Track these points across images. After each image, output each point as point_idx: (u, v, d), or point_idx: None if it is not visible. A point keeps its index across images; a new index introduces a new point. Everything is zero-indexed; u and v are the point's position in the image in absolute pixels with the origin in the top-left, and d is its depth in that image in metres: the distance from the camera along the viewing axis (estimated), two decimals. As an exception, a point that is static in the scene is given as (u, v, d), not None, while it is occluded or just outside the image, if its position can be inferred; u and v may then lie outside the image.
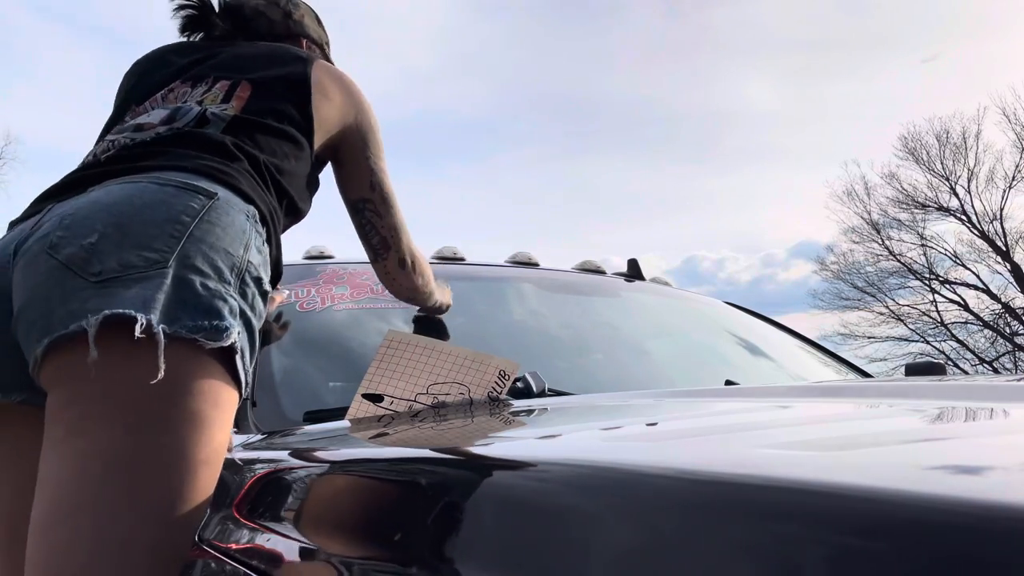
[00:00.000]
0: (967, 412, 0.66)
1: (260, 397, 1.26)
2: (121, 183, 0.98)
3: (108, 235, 0.90)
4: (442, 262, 1.89)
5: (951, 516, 0.32)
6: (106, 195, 0.95)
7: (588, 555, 0.44)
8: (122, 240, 0.90)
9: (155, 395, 0.85)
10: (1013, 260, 18.39)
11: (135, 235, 0.90)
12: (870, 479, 0.37)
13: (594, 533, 0.45)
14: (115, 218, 0.91)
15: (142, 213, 0.92)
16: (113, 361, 0.84)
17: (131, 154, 1.07)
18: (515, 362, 1.17)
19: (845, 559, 0.34)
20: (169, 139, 1.09)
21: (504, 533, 0.51)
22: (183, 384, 0.88)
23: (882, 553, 0.33)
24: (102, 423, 0.85)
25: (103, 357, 0.83)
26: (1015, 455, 0.45)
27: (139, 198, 0.94)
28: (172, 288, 0.88)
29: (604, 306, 1.94)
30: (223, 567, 0.80)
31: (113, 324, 0.84)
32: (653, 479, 0.46)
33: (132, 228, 0.91)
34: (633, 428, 0.77)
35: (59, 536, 0.82)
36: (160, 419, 0.86)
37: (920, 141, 19.44)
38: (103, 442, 0.84)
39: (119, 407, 0.85)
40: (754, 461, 0.46)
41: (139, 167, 1.02)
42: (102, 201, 0.94)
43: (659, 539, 0.42)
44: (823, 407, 0.80)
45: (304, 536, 0.71)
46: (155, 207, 0.93)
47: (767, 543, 0.37)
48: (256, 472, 0.95)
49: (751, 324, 2.13)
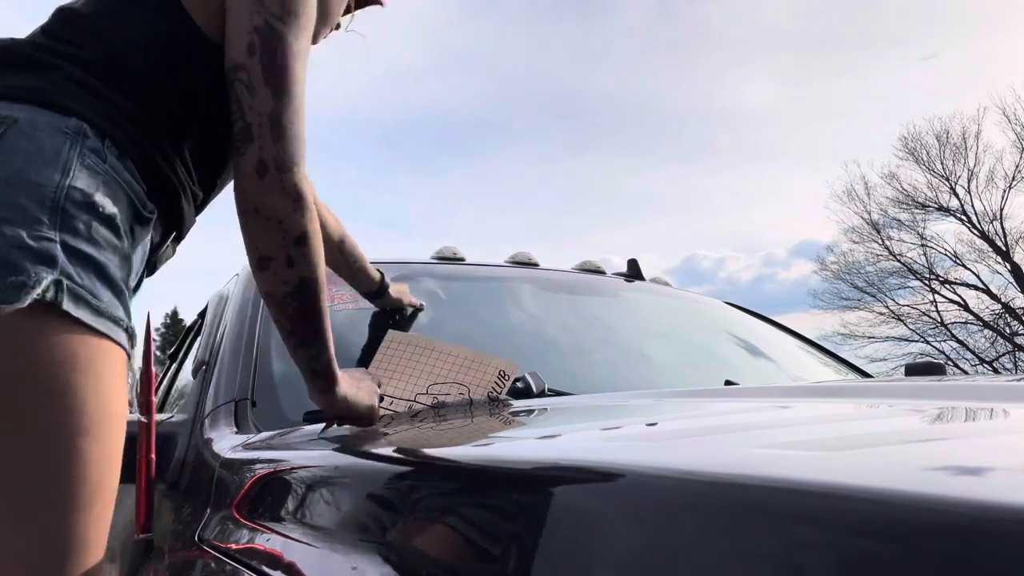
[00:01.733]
0: (967, 412, 0.66)
1: (260, 397, 1.26)
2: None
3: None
4: (442, 262, 1.89)
5: (951, 517, 0.32)
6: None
7: (588, 555, 0.44)
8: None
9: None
10: (1013, 260, 18.40)
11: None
12: (870, 479, 0.37)
13: (594, 533, 0.45)
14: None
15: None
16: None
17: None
18: (515, 362, 1.17)
19: (845, 560, 0.34)
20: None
21: (504, 533, 0.51)
22: (2, 360, 0.74)
23: (882, 554, 0.33)
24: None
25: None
26: (1015, 455, 0.45)
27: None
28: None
29: (604, 306, 1.94)
30: (223, 567, 0.80)
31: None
32: (653, 479, 0.46)
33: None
34: (633, 428, 0.77)
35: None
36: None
37: (920, 141, 19.48)
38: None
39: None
40: (754, 461, 0.46)
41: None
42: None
43: (659, 539, 0.42)
44: (823, 407, 0.80)
45: (304, 536, 0.71)
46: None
47: (767, 544, 0.37)
48: (256, 472, 0.95)
49: (751, 324, 2.13)
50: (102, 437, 0.79)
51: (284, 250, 0.91)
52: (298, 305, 0.93)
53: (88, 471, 0.78)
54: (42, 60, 0.89)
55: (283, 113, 0.92)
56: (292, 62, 0.93)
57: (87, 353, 0.79)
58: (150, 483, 1.08)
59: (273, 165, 0.90)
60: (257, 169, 0.90)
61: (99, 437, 0.79)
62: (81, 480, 0.78)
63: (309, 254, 0.93)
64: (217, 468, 1.05)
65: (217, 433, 1.18)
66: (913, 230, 19.62)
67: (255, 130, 0.91)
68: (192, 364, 1.60)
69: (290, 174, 0.91)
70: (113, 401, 0.82)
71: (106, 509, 0.82)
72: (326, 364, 0.96)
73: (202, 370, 1.44)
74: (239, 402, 1.24)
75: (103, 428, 0.80)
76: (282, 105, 0.92)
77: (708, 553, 0.39)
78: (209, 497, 1.02)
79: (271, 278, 0.92)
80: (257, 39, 0.92)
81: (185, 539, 0.97)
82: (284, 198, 0.90)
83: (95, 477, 0.79)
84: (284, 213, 0.91)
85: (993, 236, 18.76)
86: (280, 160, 0.91)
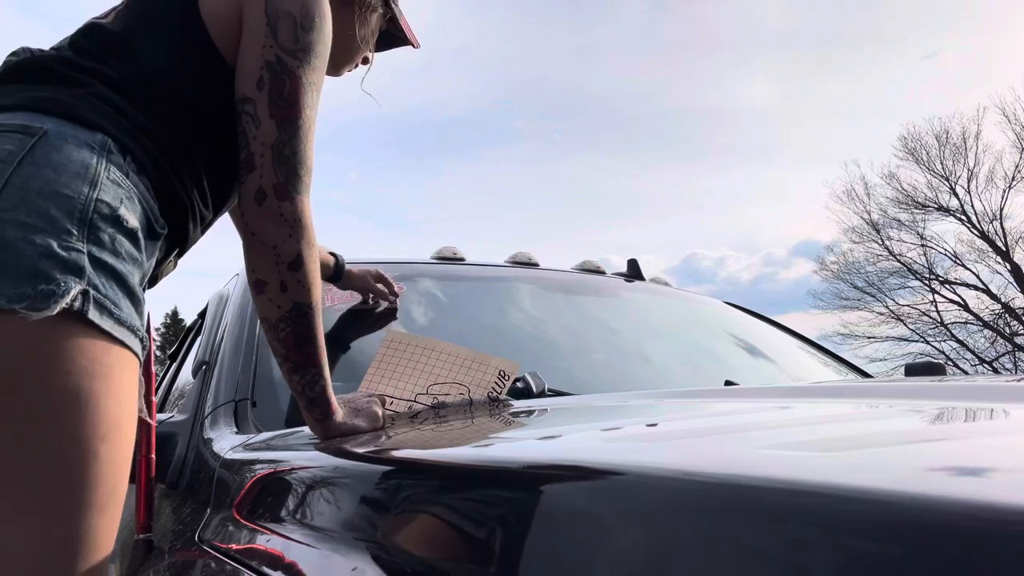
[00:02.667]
0: (967, 412, 0.66)
1: (260, 397, 1.26)
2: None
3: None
4: (442, 262, 1.89)
5: (951, 517, 0.32)
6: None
7: (588, 555, 0.44)
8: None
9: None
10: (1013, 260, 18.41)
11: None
12: (870, 480, 0.37)
13: (594, 534, 0.45)
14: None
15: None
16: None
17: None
18: (515, 362, 1.17)
19: (845, 560, 0.34)
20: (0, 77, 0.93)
21: (505, 534, 0.51)
22: (29, 364, 0.76)
23: (881, 554, 0.33)
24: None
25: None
26: (1015, 455, 0.45)
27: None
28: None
29: (604, 306, 1.94)
30: (223, 567, 0.80)
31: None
32: (653, 480, 0.45)
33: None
34: (633, 429, 0.76)
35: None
36: (9, 409, 0.75)
37: (920, 141, 19.49)
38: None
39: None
40: (754, 462, 0.46)
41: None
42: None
43: (659, 540, 0.42)
44: (823, 408, 0.80)
45: (304, 537, 0.71)
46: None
47: (767, 544, 0.37)
48: (256, 472, 0.95)
49: (751, 324, 2.13)
50: (118, 441, 0.81)
51: (278, 275, 0.94)
52: (291, 330, 0.95)
53: (105, 473, 0.80)
54: (69, 75, 0.91)
55: (286, 144, 0.95)
56: (301, 95, 0.96)
57: (108, 360, 0.81)
58: (150, 483, 1.09)
59: (272, 192, 0.94)
60: (256, 196, 0.94)
61: (116, 441, 0.81)
62: (99, 482, 0.80)
63: (304, 279, 0.95)
64: (217, 468, 1.05)
65: (217, 433, 1.18)
66: (913, 230, 19.65)
67: (257, 159, 0.94)
68: (192, 364, 1.60)
69: (288, 202, 0.94)
70: (129, 408, 0.84)
71: (117, 512, 0.84)
72: (321, 392, 0.97)
73: (202, 370, 1.44)
74: (239, 402, 1.24)
75: (119, 433, 0.82)
76: (286, 136, 0.95)
77: (708, 553, 0.39)
78: (209, 497, 1.02)
79: (266, 302, 0.95)
80: (267, 74, 0.95)
81: (185, 539, 0.97)
82: (280, 225, 0.94)
83: (111, 480, 0.81)
84: (279, 239, 0.94)
85: (993, 236, 18.77)
86: (279, 188, 0.94)
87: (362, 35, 1.14)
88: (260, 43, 0.96)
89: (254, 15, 0.96)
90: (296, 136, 0.95)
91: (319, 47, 0.98)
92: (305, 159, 0.97)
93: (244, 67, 0.97)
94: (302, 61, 0.96)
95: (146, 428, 1.09)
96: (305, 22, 0.97)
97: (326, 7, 1.00)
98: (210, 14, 0.98)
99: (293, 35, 0.96)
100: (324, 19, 0.99)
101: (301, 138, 0.96)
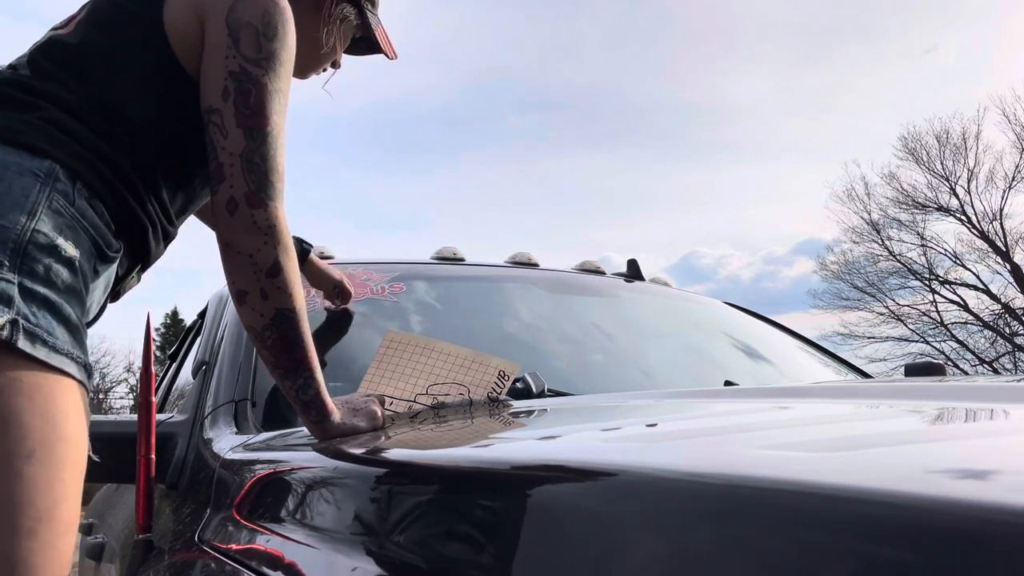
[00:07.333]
0: (967, 412, 0.66)
1: (260, 398, 1.26)
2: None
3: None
4: (442, 262, 1.89)
5: (951, 517, 0.32)
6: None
7: (588, 555, 0.44)
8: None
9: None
10: (1013, 260, 18.41)
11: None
12: (870, 480, 0.37)
13: (595, 534, 0.45)
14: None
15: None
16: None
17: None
18: (515, 363, 1.17)
19: (845, 560, 0.34)
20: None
21: (504, 534, 0.51)
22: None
23: (881, 554, 0.33)
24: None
25: None
26: (1015, 456, 0.45)
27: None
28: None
29: (604, 306, 1.94)
30: (223, 567, 0.80)
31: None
32: (653, 480, 0.45)
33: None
34: (633, 429, 0.76)
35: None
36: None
37: (920, 141, 19.49)
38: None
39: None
40: (754, 462, 0.46)
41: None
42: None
43: (659, 540, 0.42)
44: (823, 408, 0.80)
45: (304, 537, 0.71)
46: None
47: (767, 544, 0.37)
48: (256, 472, 0.95)
49: (751, 324, 2.13)
50: (48, 462, 0.79)
51: (257, 283, 0.94)
52: (277, 336, 0.95)
53: (32, 496, 0.78)
54: (21, 100, 0.91)
55: (255, 151, 0.94)
56: (267, 103, 0.96)
57: (34, 380, 0.80)
58: (150, 483, 1.08)
59: (243, 201, 0.93)
60: (228, 207, 0.93)
61: (44, 461, 0.78)
62: (24, 504, 0.77)
63: (284, 285, 0.95)
64: (217, 468, 1.05)
65: (217, 433, 1.18)
66: (913, 230, 19.66)
67: (226, 169, 0.94)
68: (192, 364, 1.60)
69: (261, 209, 0.94)
70: (63, 425, 0.82)
71: (57, 540, 0.80)
72: (315, 395, 0.96)
73: (202, 370, 1.44)
74: (239, 402, 1.24)
75: (49, 452, 0.79)
76: (254, 144, 0.94)
77: (708, 553, 0.39)
78: (209, 497, 1.02)
79: (249, 312, 0.95)
80: (232, 84, 0.95)
81: (185, 539, 0.97)
82: (254, 233, 0.93)
83: (41, 504, 0.79)
84: (254, 247, 0.93)
85: (993, 236, 18.78)
86: (250, 197, 0.94)
87: (329, 43, 1.14)
88: (223, 54, 0.95)
89: (215, 27, 0.96)
90: (265, 143, 0.95)
91: (283, 54, 0.98)
92: (276, 165, 0.96)
93: (208, 78, 0.96)
94: (266, 69, 0.96)
95: (146, 428, 1.09)
96: (267, 31, 0.97)
97: (288, 14, 1.00)
98: (172, 29, 0.98)
99: (256, 45, 0.96)
100: (286, 26, 0.99)
101: (270, 144, 0.96)
